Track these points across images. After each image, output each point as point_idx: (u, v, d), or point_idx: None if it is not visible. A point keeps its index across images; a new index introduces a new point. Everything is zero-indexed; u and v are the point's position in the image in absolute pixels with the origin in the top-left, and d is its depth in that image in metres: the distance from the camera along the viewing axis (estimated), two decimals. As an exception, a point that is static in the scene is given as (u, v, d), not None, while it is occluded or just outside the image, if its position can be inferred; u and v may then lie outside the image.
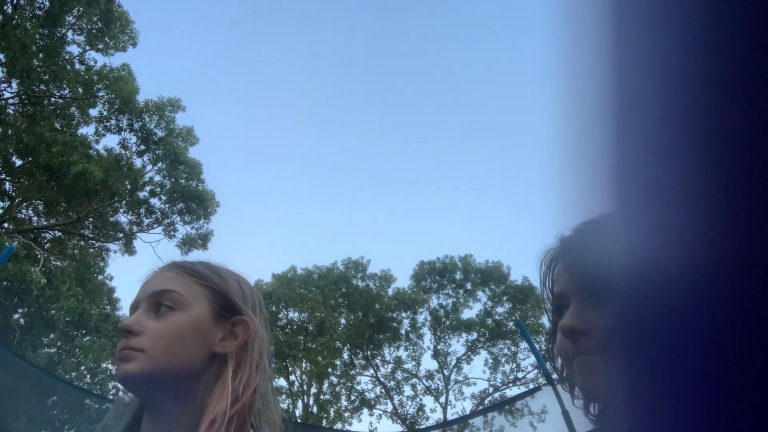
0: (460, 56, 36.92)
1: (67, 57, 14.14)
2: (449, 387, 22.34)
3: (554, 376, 5.04)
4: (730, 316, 0.22)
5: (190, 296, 0.92)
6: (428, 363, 29.01)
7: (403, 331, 22.86)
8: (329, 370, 21.88)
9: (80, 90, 14.35)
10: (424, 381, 22.58)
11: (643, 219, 0.27)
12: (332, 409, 22.14)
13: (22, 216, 14.99)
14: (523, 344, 21.30)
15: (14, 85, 13.46)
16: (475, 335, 22.68)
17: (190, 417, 0.86)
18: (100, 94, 14.60)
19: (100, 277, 16.76)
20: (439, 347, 22.85)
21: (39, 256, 13.02)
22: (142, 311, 0.90)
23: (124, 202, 15.33)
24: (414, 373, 22.73)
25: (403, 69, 36.54)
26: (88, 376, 15.47)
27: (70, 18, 13.73)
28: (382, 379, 22.68)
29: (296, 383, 21.95)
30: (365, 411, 22.18)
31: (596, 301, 0.71)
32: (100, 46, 14.24)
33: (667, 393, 0.24)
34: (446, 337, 23.00)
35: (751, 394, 0.21)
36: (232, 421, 0.85)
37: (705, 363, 0.23)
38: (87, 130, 16.14)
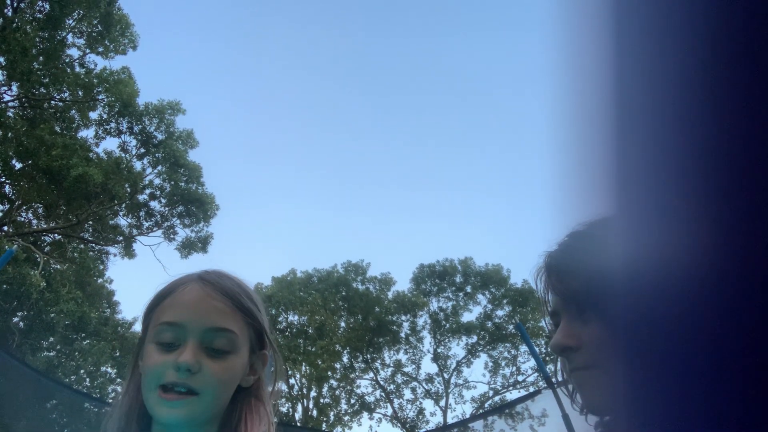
0: (460, 56, 36.99)
1: (67, 60, 14.16)
2: (449, 390, 22.32)
3: (554, 379, 5.02)
4: (730, 322, 0.22)
5: (242, 337, 0.91)
6: (428, 366, 28.99)
7: (402, 335, 22.85)
8: (329, 373, 21.85)
9: (80, 93, 14.36)
10: (424, 384, 22.57)
11: (642, 219, 0.27)
12: (332, 413, 22.11)
13: (22, 219, 15.00)
14: (523, 347, 21.28)
15: (14, 88, 13.48)
16: (475, 338, 22.66)
17: None
18: (100, 97, 14.62)
19: (100, 280, 16.77)
20: (439, 350, 22.83)
21: (39, 260, 13.02)
22: (197, 347, 0.86)
23: (123, 205, 15.33)
24: (414, 376, 22.72)
25: (402, 69, 36.62)
26: (88, 379, 15.46)
27: (70, 21, 13.76)
28: (382, 383, 22.66)
29: (296, 387, 21.93)
30: (365, 414, 22.16)
31: (582, 315, 0.73)
32: (100, 49, 14.26)
33: (662, 400, 0.24)
34: (446, 341, 22.99)
35: (751, 402, 0.21)
36: None
37: (703, 371, 0.23)
38: (87, 133, 16.15)
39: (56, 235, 15.08)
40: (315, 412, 21.72)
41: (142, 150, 15.37)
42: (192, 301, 0.90)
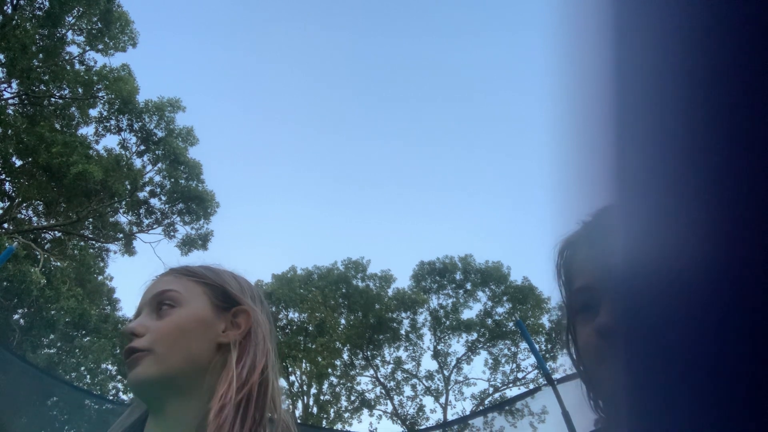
0: (460, 56, 36.95)
1: (66, 57, 14.14)
2: (449, 387, 22.34)
3: (554, 376, 5.03)
4: (732, 315, 0.22)
5: (188, 293, 0.94)
6: (428, 363, 29.06)
7: (403, 332, 22.86)
8: (329, 370, 21.86)
9: (80, 90, 14.35)
10: (424, 381, 22.58)
11: (642, 219, 0.27)
12: (332, 410, 22.13)
13: (22, 216, 14.99)
14: (523, 344, 21.30)
15: (14, 85, 13.47)
16: (475, 335, 22.67)
17: (197, 410, 0.86)
18: (100, 94, 14.60)
19: (100, 277, 16.77)
20: (439, 347, 22.85)
21: (39, 257, 13.02)
22: (145, 314, 0.93)
23: (123, 203, 15.32)
24: (414, 373, 22.73)
25: (402, 69, 36.58)
26: (88, 376, 15.48)
27: (70, 18, 13.73)
28: (382, 380, 22.68)
29: (296, 384, 21.95)
30: (365, 411, 22.18)
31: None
32: (100, 47, 14.24)
33: (666, 392, 0.24)
34: (446, 338, 23.00)
35: (754, 392, 0.21)
36: (240, 406, 0.86)
37: (707, 363, 0.23)
38: (87, 131, 16.19)
39: (56, 232, 15.08)
40: (315, 409, 21.75)
41: (142, 147, 15.35)
42: (148, 287, 0.99)
